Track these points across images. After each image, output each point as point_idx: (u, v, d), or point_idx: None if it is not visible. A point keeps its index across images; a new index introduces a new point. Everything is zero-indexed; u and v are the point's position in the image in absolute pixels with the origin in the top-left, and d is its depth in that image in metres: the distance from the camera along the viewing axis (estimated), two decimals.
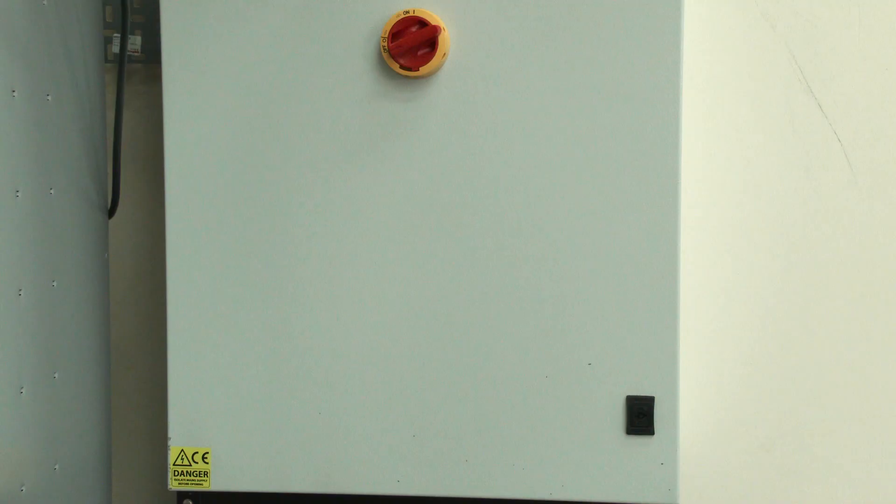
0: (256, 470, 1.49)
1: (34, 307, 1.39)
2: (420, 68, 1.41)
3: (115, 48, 1.66)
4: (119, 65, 1.53)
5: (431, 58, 1.41)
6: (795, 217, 1.63)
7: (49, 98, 1.42)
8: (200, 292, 1.49)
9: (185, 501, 1.53)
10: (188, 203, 1.48)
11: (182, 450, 1.51)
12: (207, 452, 1.50)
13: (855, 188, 1.62)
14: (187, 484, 1.51)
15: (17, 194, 1.35)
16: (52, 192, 1.43)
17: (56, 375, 1.45)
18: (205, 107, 1.47)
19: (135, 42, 1.66)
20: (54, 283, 1.44)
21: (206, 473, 1.50)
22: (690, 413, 1.64)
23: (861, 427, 1.64)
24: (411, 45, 1.41)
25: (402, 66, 1.42)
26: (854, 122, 1.61)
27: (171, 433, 1.50)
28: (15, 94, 1.34)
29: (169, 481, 1.50)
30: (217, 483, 1.50)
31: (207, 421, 1.50)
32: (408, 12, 1.42)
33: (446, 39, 1.42)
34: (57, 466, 1.45)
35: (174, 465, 1.51)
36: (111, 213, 1.59)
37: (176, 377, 1.50)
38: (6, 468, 1.33)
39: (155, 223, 1.71)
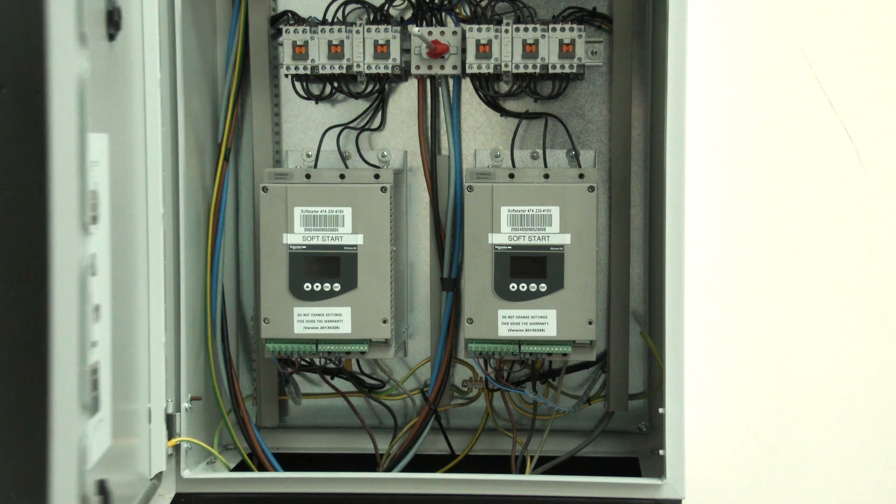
0: None
1: None
2: None
3: None
4: None
5: None
6: (805, 214, 1.62)
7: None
8: None
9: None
10: None
11: None
12: None
13: (865, 184, 1.61)
14: None
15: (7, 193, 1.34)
16: None
17: None
18: None
19: None
20: None
21: None
22: (697, 416, 1.61)
23: (869, 430, 1.64)
24: None
25: None
26: (864, 118, 1.60)
27: None
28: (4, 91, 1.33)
29: None
30: None
31: None
32: None
33: None
34: None
35: None
36: None
37: None
38: None
39: None
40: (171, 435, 1.51)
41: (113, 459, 1.30)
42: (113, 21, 1.25)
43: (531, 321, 1.53)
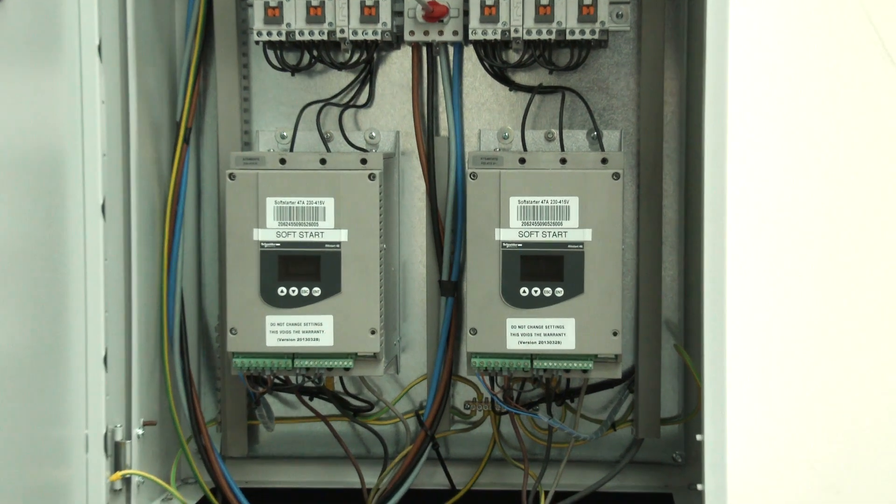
0: None
1: None
2: None
3: None
4: None
5: None
6: (870, 207, 1.52)
7: None
8: None
9: None
10: None
11: None
12: None
13: None
14: None
15: None
16: None
17: None
18: None
19: None
20: None
21: None
22: (741, 445, 1.52)
23: None
24: None
25: None
26: None
27: None
28: None
29: None
30: None
31: None
32: None
33: None
34: None
35: None
36: None
37: None
38: None
39: None
40: (118, 466, 1.46)
41: (28, 495, 1.26)
42: None
43: (545, 332, 1.50)
